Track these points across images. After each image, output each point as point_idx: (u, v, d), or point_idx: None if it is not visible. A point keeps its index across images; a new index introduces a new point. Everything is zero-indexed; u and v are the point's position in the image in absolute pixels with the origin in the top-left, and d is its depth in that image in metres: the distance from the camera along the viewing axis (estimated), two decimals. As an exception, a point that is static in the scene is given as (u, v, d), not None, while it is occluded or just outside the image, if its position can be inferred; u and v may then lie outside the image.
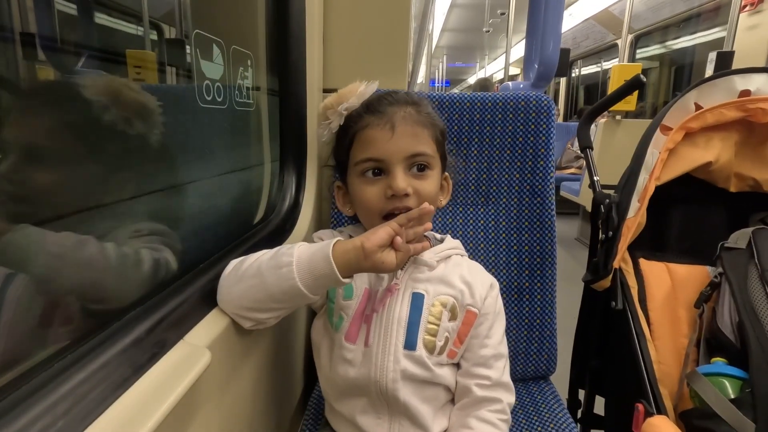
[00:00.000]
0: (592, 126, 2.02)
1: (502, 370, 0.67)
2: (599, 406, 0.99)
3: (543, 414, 0.85)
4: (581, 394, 1.01)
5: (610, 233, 0.83)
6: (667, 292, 0.81)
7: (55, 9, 0.50)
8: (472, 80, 14.23)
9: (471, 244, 0.96)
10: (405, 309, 0.64)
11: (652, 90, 5.10)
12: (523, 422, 0.83)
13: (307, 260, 0.54)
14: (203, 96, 0.62)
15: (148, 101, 0.51)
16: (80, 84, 0.47)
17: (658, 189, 0.82)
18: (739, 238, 0.79)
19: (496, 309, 0.69)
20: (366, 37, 1.03)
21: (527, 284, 0.94)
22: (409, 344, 0.63)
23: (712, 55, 2.48)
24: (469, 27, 8.20)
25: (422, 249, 0.60)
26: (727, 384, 0.66)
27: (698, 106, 0.82)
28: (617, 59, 4.60)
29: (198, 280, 0.56)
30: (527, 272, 0.95)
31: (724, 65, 2.43)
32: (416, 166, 0.64)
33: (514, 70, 8.12)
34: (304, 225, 0.90)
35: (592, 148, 1.00)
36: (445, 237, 0.74)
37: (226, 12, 0.81)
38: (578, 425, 1.00)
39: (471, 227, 0.97)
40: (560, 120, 5.98)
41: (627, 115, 3.35)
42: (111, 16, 0.59)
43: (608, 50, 5.72)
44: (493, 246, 0.96)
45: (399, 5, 1.02)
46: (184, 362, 0.43)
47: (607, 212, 0.84)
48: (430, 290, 0.66)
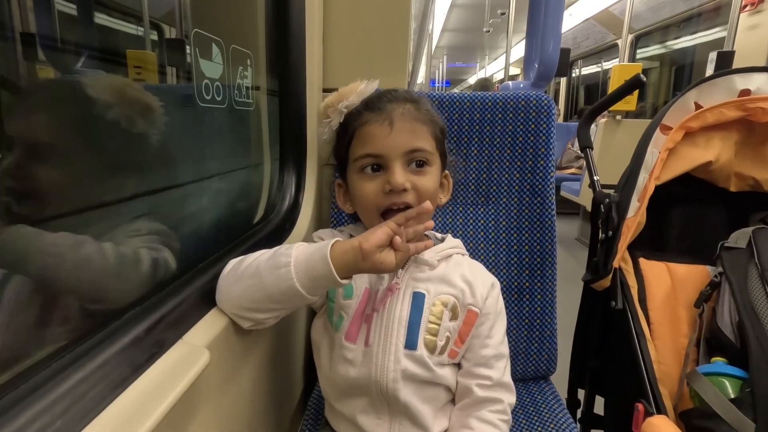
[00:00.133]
0: (592, 126, 2.01)
1: (503, 371, 0.67)
2: (598, 406, 0.99)
3: (543, 414, 0.85)
4: (581, 393, 1.01)
5: (610, 233, 0.83)
6: (667, 292, 0.81)
7: (55, 9, 0.50)
8: (472, 80, 14.23)
9: (471, 244, 0.96)
10: (406, 308, 0.64)
11: (653, 90, 5.09)
12: (524, 422, 0.83)
13: (305, 261, 0.53)
14: (202, 95, 0.62)
15: (150, 100, 0.51)
16: (85, 83, 0.47)
17: (658, 188, 0.82)
18: (739, 238, 0.78)
19: (497, 309, 0.69)
20: (366, 37, 1.03)
21: (527, 284, 0.94)
22: (410, 344, 0.63)
23: (713, 55, 2.48)
24: (469, 27, 8.20)
25: (424, 248, 0.60)
26: (727, 384, 0.66)
27: (698, 106, 0.81)
28: (617, 59, 4.60)
29: (197, 280, 0.56)
30: (527, 272, 0.94)
31: (725, 65, 2.43)
32: (415, 162, 0.64)
33: (514, 70, 8.11)
34: (303, 225, 0.90)
35: (592, 148, 1.00)
36: (446, 236, 0.74)
37: (227, 12, 0.81)
38: (578, 425, 1.00)
39: (471, 227, 0.97)
40: (560, 120, 5.98)
41: (627, 115, 3.35)
42: (111, 16, 0.59)
43: (608, 50, 5.72)
44: (493, 246, 0.96)
45: (399, 5, 1.02)
46: (183, 362, 0.43)
47: (607, 212, 0.84)
48: (431, 290, 0.66)
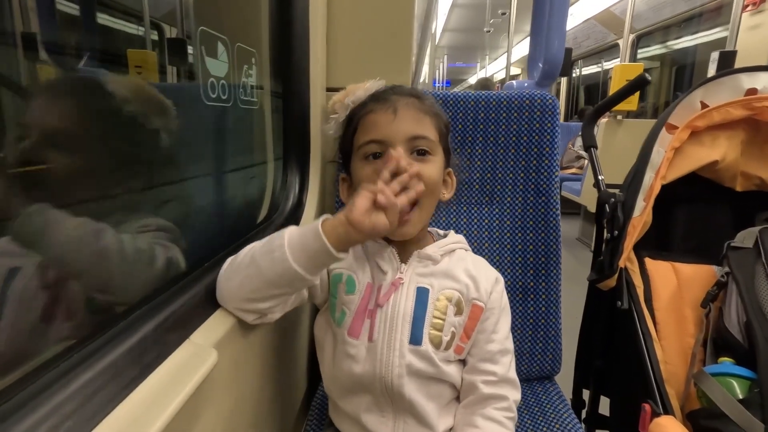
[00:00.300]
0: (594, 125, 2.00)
1: (509, 366, 0.67)
2: (603, 406, 0.98)
3: (548, 414, 0.85)
4: (585, 394, 1.01)
5: (616, 232, 0.83)
6: (673, 292, 0.81)
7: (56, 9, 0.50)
8: (472, 80, 14.23)
9: (476, 243, 0.96)
10: (410, 303, 0.64)
11: (653, 90, 5.09)
12: (528, 422, 0.83)
13: (298, 240, 0.53)
14: (207, 94, 0.62)
15: (163, 100, 0.51)
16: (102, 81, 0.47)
17: (664, 188, 0.82)
18: (745, 238, 0.78)
19: (502, 304, 0.69)
20: (369, 36, 1.03)
21: (532, 284, 0.94)
22: (415, 339, 0.63)
23: (715, 55, 2.48)
24: (469, 27, 8.20)
25: (407, 200, 0.56)
26: (735, 384, 0.65)
27: (704, 105, 0.81)
28: (618, 59, 4.60)
29: (203, 279, 0.56)
30: (532, 272, 0.94)
31: (727, 65, 2.43)
32: (417, 151, 0.65)
33: (514, 70, 8.11)
34: (307, 223, 0.90)
35: (596, 148, 1.00)
36: (448, 232, 0.74)
37: (231, 11, 0.80)
38: (583, 425, 0.99)
39: (475, 226, 0.97)
40: (561, 120, 5.97)
41: (628, 114, 3.35)
42: (113, 17, 0.59)
43: (609, 50, 5.72)
44: (497, 245, 0.96)
45: (402, 5, 1.02)
46: (190, 362, 0.43)
47: (613, 211, 0.84)
48: (435, 284, 0.66)
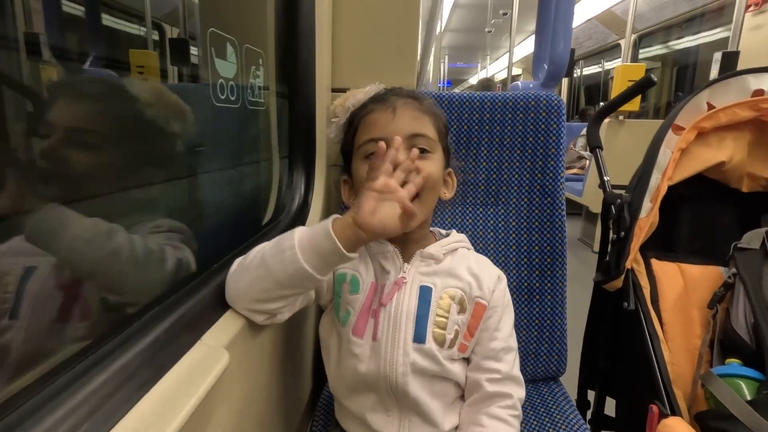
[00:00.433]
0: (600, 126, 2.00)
1: (512, 364, 0.67)
2: (608, 407, 0.98)
3: (554, 415, 0.85)
4: (590, 395, 1.01)
5: (622, 233, 0.82)
6: (680, 293, 0.81)
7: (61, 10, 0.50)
8: (473, 80, 14.22)
9: (481, 244, 0.96)
10: (413, 302, 0.64)
11: (655, 90, 5.09)
12: (534, 423, 0.83)
13: (309, 240, 0.53)
14: (217, 95, 0.62)
15: (180, 103, 0.52)
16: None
17: (670, 189, 0.82)
18: (752, 239, 0.78)
19: (505, 301, 0.69)
20: (375, 37, 1.03)
21: (537, 284, 0.94)
22: (419, 337, 0.63)
23: (717, 56, 2.47)
24: (470, 27, 8.20)
25: (415, 189, 0.57)
26: (743, 385, 0.65)
27: (711, 106, 0.81)
28: (619, 59, 4.60)
29: (213, 280, 0.56)
30: (537, 272, 0.94)
31: (730, 65, 2.42)
32: (416, 149, 0.65)
33: (515, 70, 8.11)
34: (313, 224, 0.90)
35: (602, 148, 1.00)
36: (450, 232, 0.74)
37: (238, 12, 0.81)
38: (588, 426, 0.99)
39: (481, 227, 0.97)
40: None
41: (630, 115, 3.35)
42: (114, 17, 0.59)
43: (610, 50, 5.72)
44: (503, 246, 0.96)
45: (408, 5, 1.02)
46: (203, 363, 0.43)
47: (619, 212, 0.84)
48: (438, 283, 0.66)
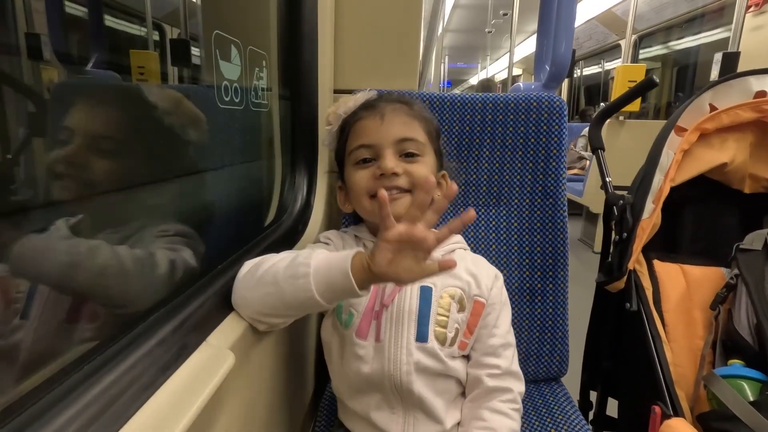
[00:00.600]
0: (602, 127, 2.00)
1: (511, 359, 0.69)
2: (610, 408, 0.98)
3: (556, 415, 0.85)
4: (592, 395, 1.01)
5: (625, 234, 0.83)
6: (682, 294, 0.81)
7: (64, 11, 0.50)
8: (473, 81, 14.23)
9: (483, 245, 0.96)
10: (414, 302, 0.65)
11: (655, 91, 5.09)
12: (536, 424, 0.83)
13: (325, 272, 0.52)
14: (222, 97, 0.62)
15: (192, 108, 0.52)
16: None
17: (672, 190, 0.82)
18: (754, 240, 0.78)
19: (502, 299, 0.71)
20: (377, 39, 1.03)
21: (539, 285, 0.94)
22: (421, 336, 0.64)
23: (718, 56, 2.47)
24: (471, 28, 8.20)
25: (432, 220, 0.50)
26: (746, 386, 0.66)
27: (713, 107, 0.81)
28: (619, 60, 4.60)
29: (217, 281, 0.56)
30: (539, 273, 0.94)
31: (730, 66, 2.42)
32: (406, 153, 0.66)
33: (515, 71, 8.11)
34: (315, 225, 0.90)
35: (604, 149, 1.00)
36: None
37: (241, 14, 0.81)
38: (590, 427, 0.99)
39: (483, 228, 0.97)
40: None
41: (630, 115, 3.35)
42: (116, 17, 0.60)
43: (610, 51, 5.72)
44: (504, 247, 0.96)
45: (410, 7, 1.02)
46: (208, 364, 0.43)
47: (621, 213, 0.84)
48: (438, 283, 0.67)
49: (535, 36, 1.81)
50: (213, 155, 0.65)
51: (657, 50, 5.06)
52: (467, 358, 0.69)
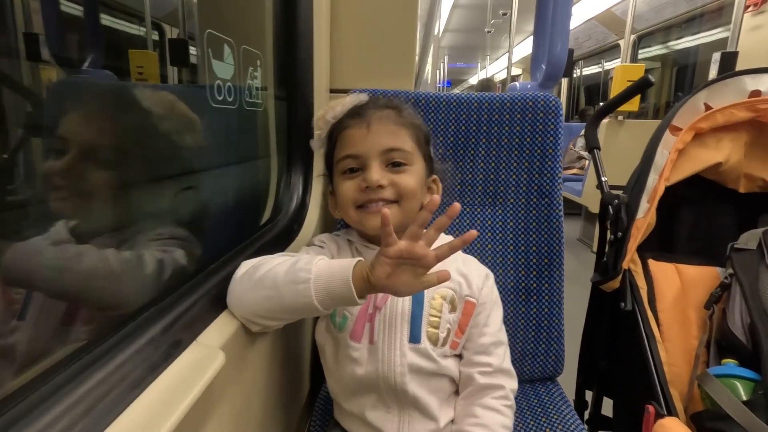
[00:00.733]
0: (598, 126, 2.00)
1: (503, 357, 0.69)
2: (605, 407, 0.98)
3: (551, 415, 0.85)
4: (588, 395, 1.01)
5: (619, 234, 0.83)
6: (677, 294, 0.81)
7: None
8: (473, 81, 14.22)
9: (478, 245, 0.96)
10: (407, 304, 0.66)
11: (654, 91, 5.09)
12: (531, 423, 0.83)
13: (325, 280, 0.52)
14: (214, 96, 0.62)
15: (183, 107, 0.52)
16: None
17: (668, 189, 0.82)
18: (749, 239, 0.78)
19: (493, 298, 0.71)
20: (373, 38, 1.04)
21: (535, 285, 0.94)
22: (414, 338, 0.65)
23: (716, 56, 2.47)
24: (470, 27, 8.19)
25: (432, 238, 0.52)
26: (739, 386, 0.66)
27: (708, 107, 0.81)
28: (619, 59, 4.60)
29: (209, 281, 0.56)
30: (535, 273, 0.94)
31: (729, 66, 2.42)
32: (392, 162, 0.66)
33: (515, 71, 8.11)
34: (311, 226, 0.90)
35: (599, 149, 1.00)
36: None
37: (236, 14, 0.81)
38: (585, 426, 0.99)
39: (478, 227, 0.97)
40: (562, 120, 5.96)
41: (630, 115, 3.35)
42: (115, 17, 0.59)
43: (610, 50, 5.72)
44: (500, 246, 0.96)
45: (406, 6, 1.02)
46: (198, 363, 0.43)
47: (616, 213, 0.84)
48: None
49: (532, 36, 1.82)
50: (204, 155, 0.65)
51: (656, 50, 5.06)
52: (459, 356, 0.70)
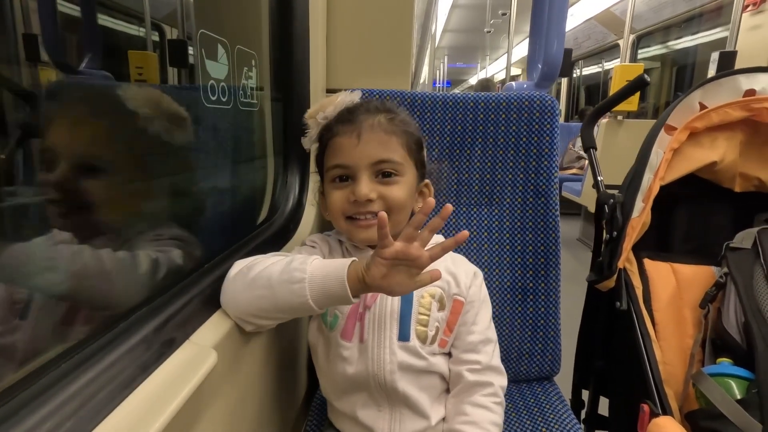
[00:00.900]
0: (594, 126, 2.00)
1: (491, 355, 0.69)
2: (602, 407, 0.98)
3: (547, 415, 0.85)
4: (584, 394, 1.01)
5: (615, 233, 0.83)
6: (672, 293, 0.81)
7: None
8: (473, 81, 14.23)
9: (475, 245, 0.96)
10: (396, 302, 0.66)
11: (654, 90, 5.09)
12: (528, 423, 0.83)
13: (321, 280, 0.53)
14: (208, 96, 0.62)
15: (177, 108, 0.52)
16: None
17: (663, 189, 0.82)
18: (744, 239, 0.78)
19: (481, 296, 0.71)
20: (369, 38, 1.04)
21: (531, 284, 0.94)
22: (403, 336, 0.65)
23: (715, 56, 2.48)
24: (470, 27, 8.20)
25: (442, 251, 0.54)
26: (734, 384, 0.66)
27: (703, 106, 0.81)
28: (618, 59, 4.60)
29: (203, 280, 0.56)
30: (531, 272, 0.94)
31: (727, 65, 2.42)
32: (383, 173, 0.65)
33: (515, 71, 8.11)
34: (307, 225, 0.90)
35: (596, 149, 1.00)
36: None
37: (232, 14, 0.81)
38: (582, 426, 0.99)
39: (475, 227, 0.97)
40: (561, 120, 5.97)
41: (629, 115, 3.35)
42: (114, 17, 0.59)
43: (609, 50, 5.72)
44: (497, 246, 0.96)
45: (402, 6, 1.02)
46: (190, 362, 0.43)
47: (612, 212, 0.84)
48: None
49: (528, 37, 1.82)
50: (198, 155, 0.65)
51: (656, 50, 5.06)
52: (449, 354, 0.70)
